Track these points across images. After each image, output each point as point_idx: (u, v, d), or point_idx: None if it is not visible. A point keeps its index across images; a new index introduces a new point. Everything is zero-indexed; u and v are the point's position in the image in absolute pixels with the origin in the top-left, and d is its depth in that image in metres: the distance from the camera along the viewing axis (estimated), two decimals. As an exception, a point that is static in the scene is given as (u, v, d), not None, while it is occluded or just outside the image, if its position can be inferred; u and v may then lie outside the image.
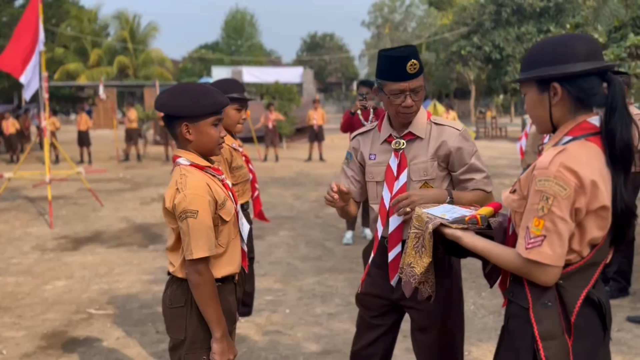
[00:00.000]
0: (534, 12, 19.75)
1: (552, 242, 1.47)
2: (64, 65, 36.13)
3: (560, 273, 1.50)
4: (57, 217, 7.93)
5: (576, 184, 1.45)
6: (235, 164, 2.94)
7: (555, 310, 1.51)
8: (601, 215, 1.49)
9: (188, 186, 1.95)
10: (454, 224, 1.73)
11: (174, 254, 2.05)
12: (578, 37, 1.61)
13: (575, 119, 1.58)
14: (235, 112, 2.96)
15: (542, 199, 1.47)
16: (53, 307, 4.48)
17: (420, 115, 2.28)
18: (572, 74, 1.55)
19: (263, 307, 4.45)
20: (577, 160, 1.47)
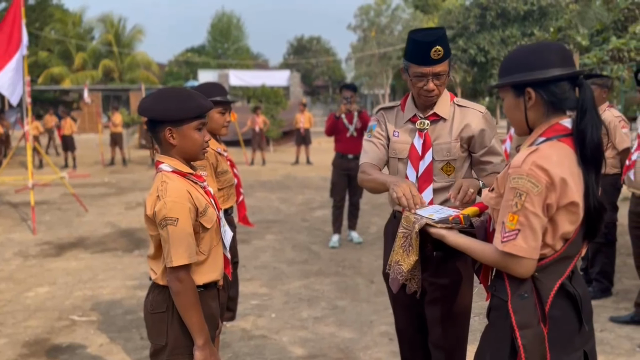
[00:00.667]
0: (518, 16, 19.92)
1: (526, 236, 1.56)
2: (48, 69, 35.71)
3: (535, 265, 1.60)
4: (41, 222, 7.84)
5: (547, 181, 1.55)
6: (220, 169, 2.93)
7: (531, 301, 1.61)
8: (571, 211, 1.59)
9: (168, 193, 1.93)
10: (439, 223, 1.83)
11: (156, 262, 2.04)
12: (551, 45, 1.72)
13: (549, 121, 1.69)
14: (219, 115, 2.94)
15: (515, 195, 1.58)
16: (35, 314, 4.42)
17: (444, 96, 2.34)
18: (544, 80, 1.65)
19: (249, 311, 4.43)
20: (549, 160, 1.57)
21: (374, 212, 8.28)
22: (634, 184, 3.86)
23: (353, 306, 4.53)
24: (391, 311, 4.33)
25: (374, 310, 4.41)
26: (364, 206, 8.55)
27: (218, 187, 2.93)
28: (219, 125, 2.95)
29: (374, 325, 4.13)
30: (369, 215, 8.03)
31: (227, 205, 3.00)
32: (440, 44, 2.18)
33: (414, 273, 2.07)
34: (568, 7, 17.42)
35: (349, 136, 6.30)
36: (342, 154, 6.37)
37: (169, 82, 40.26)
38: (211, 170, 2.87)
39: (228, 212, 3.04)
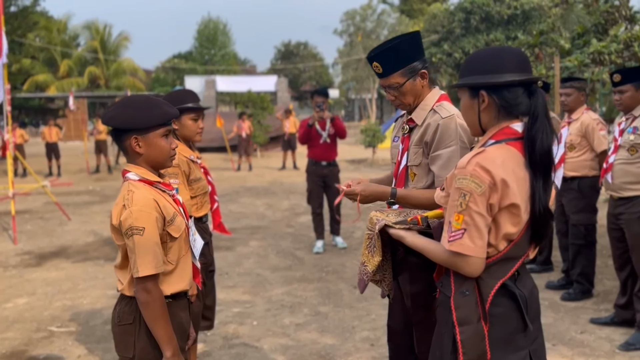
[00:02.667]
0: (501, 20, 20.11)
1: (472, 235, 1.60)
2: (33, 77, 35.46)
3: (484, 264, 1.63)
4: (22, 232, 7.73)
5: (490, 182, 1.59)
6: (193, 177, 2.90)
7: (472, 298, 1.63)
8: (513, 212, 1.62)
9: (134, 202, 1.91)
10: (398, 224, 1.88)
11: (122, 272, 2.01)
12: (508, 50, 1.75)
13: (499, 124, 1.72)
14: (191, 122, 2.92)
15: (460, 195, 1.61)
16: (13, 326, 4.34)
17: (427, 101, 2.30)
18: (496, 84, 1.68)
19: (230, 319, 4.40)
20: (492, 161, 1.61)
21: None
22: (612, 187, 3.88)
23: (335, 312, 4.51)
24: (373, 316, 4.36)
25: (356, 316, 4.40)
26: (350, 211, 8.54)
27: (191, 195, 2.90)
28: (192, 132, 2.93)
29: (356, 331, 4.11)
30: (354, 220, 8.01)
31: (200, 213, 2.98)
32: (379, 60, 2.20)
33: (383, 275, 2.09)
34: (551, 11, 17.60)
35: (322, 142, 6.28)
36: (315, 161, 6.35)
37: (156, 88, 40.10)
38: (183, 177, 2.84)
39: (202, 220, 3.01)
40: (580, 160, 4.61)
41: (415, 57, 2.25)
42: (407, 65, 2.24)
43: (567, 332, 3.99)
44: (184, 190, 2.82)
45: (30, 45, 29.84)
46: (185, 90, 2.98)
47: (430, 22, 22.18)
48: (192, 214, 2.90)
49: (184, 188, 2.82)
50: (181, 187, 2.79)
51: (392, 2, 37.41)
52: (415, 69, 2.26)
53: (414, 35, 2.28)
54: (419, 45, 2.29)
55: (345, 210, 8.03)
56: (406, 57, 2.23)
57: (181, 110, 2.87)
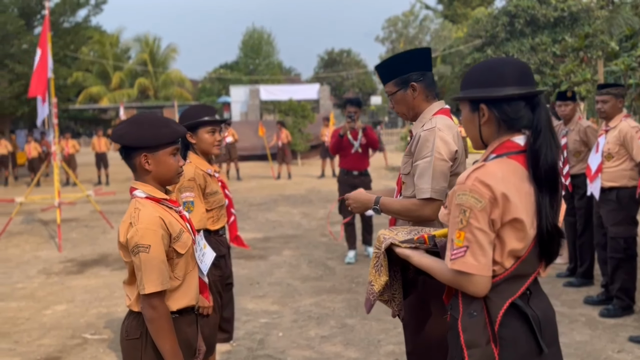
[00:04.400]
0: (548, 23, 19.52)
1: (475, 252, 1.54)
2: (87, 89, 37.06)
3: (490, 283, 1.56)
4: (67, 240, 8.05)
5: (490, 197, 1.54)
6: (209, 190, 2.94)
7: (480, 319, 1.57)
8: (516, 227, 1.56)
9: (140, 220, 1.95)
10: (404, 243, 1.83)
11: (130, 288, 2.05)
12: (508, 62, 1.69)
13: (500, 138, 1.67)
14: (208, 135, 2.97)
15: (460, 212, 1.56)
16: (50, 332, 4.52)
17: (424, 114, 2.36)
18: (496, 98, 1.63)
19: (257, 329, 4.42)
20: (493, 175, 1.56)
21: (395, 227, 8.18)
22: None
23: (362, 325, 4.46)
24: (400, 330, 4.29)
25: (382, 329, 4.34)
26: (384, 220, 8.47)
27: (207, 208, 2.94)
28: (209, 145, 2.97)
29: (381, 345, 4.06)
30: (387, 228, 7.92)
31: (217, 226, 3.01)
32: (379, 69, 2.40)
33: (393, 295, 2.05)
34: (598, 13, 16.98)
35: (353, 152, 6.25)
36: (347, 171, 6.32)
37: (202, 98, 41.06)
38: (199, 191, 2.89)
39: (219, 233, 3.05)
40: (619, 169, 4.41)
41: (410, 70, 2.34)
42: (400, 76, 2.34)
43: (604, 351, 3.81)
44: (199, 204, 2.87)
45: (84, 59, 31.16)
46: (202, 105, 3.04)
47: (474, 27, 21.80)
48: (208, 227, 2.95)
49: (199, 201, 2.87)
50: (196, 201, 2.84)
51: (435, 8, 37.05)
52: (407, 80, 2.34)
53: (419, 50, 2.38)
54: (421, 60, 2.36)
55: (378, 219, 7.96)
56: (401, 68, 2.34)
57: (197, 125, 2.93)
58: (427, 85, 2.36)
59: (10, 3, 17.65)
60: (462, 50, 24.46)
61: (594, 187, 4.59)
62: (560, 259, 5.97)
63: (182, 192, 2.82)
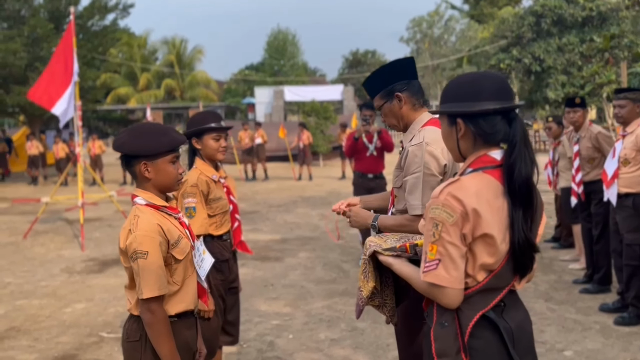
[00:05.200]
0: (575, 22, 19.17)
1: (447, 266, 1.56)
2: (116, 90, 37.88)
3: (462, 295, 1.59)
4: (90, 239, 8.26)
5: (462, 211, 1.56)
6: (212, 196, 3.00)
7: (451, 330, 1.60)
8: (488, 242, 1.58)
9: (139, 227, 2.02)
10: (387, 251, 1.87)
11: (131, 292, 2.12)
12: (487, 76, 1.70)
13: (477, 152, 1.68)
14: (213, 141, 3.03)
15: (433, 225, 1.59)
16: (68, 330, 4.66)
17: (414, 125, 2.36)
18: (471, 113, 1.65)
19: (268, 331, 4.48)
20: (465, 190, 1.58)
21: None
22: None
23: (372, 328, 4.48)
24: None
25: (391, 333, 4.34)
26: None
27: (210, 214, 3.00)
28: (214, 151, 3.04)
29: (390, 349, 4.07)
30: (406, 233, 7.92)
31: (220, 231, 3.07)
32: (366, 84, 2.40)
33: (384, 300, 2.08)
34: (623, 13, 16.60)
35: (369, 155, 6.26)
36: (362, 174, 6.33)
37: (227, 99, 41.47)
38: (201, 197, 2.95)
39: (223, 238, 3.11)
40: (636, 175, 4.34)
41: (394, 81, 2.34)
42: (385, 88, 2.35)
43: (616, 360, 3.76)
44: (201, 210, 2.93)
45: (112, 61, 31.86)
46: (208, 112, 3.11)
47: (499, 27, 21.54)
48: (211, 232, 3.01)
49: (201, 207, 2.94)
50: (198, 207, 2.91)
51: (460, 8, 36.69)
52: (392, 91, 2.34)
53: (402, 60, 2.38)
54: (404, 69, 2.35)
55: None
56: (385, 80, 2.35)
57: (203, 131, 2.99)
58: (412, 93, 2.35)
59: (40, 7, 18.16)
60: (487, 51, 24.18)
61: (611, 193, 4.52)
62: (578, 265, 5.88)
63: (184, 197, 2.89)
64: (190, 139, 3.04)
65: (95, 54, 19.48)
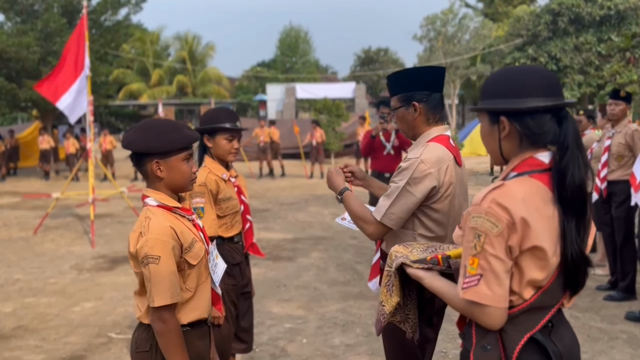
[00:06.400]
0: (593, 21, 18.82)
1: (489, 282, 1.39)
2: (128, 86, 37.95)
3: (506, 315, 1.42)
4: (101, 235, 8.17)
5: (508, 221, 1.39)
6: (222, 196, 2.85)
7: (495, 354, 1.43)
8: (537, 256, 1.40)
9: (151, 230, 1.88)
10: (416, 263, 1.70)
11: (141, 299, 1.99)
12: (534, 70, 1.52)
13: (522, 154, 1.51)
14: (225, 142, 2.88)
15: (475, 236, 1.42)
16: (77, 330, 4.55)
17: (421, 139, 2.31)
18: (518, 110, 1.47)
19: (281, 335, 4.35)
20: (511, 197, 1.40)
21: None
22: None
23: (388, 334, 4.33)
24: (428, 341, 4.14)
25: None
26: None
27: (219, 214, 2.86)
28: (225, 152, 2.89)
29: (407, 356, 3.91)
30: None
31: (230, 233, 2.93)
32: (389, 79, 2.36)
33: (406, 315, 1.92)
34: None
35: (385, 154, 6.10)
36: (378, 172, 6.16)
37: (239, 95, 41.44)
38: (209, 197, 2.81)
39: (234, 240, 2.96)
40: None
41: (417, 89, 2.26)
42: (405, 93, 2.28)
43: (646, 373, 3.58)
44: (209, 210, 2.79)
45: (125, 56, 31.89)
46: (223, 109, 2.96)
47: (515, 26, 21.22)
48: (221, 234, 2.86)
49: (209, 207, 2.80)
50: (207, 207, 2.77)
51: (474, 6, 36.24)
52: (410, 98, 2.27)
53: (432, 68, 2.33)
54: (431, 79, 2.29)
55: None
56: (408, 84, 2.28)
57: (216, 130, 2.85)
58: (430, 107, 2.27)
59: (53, 1, 18.15)
60: (502, 50, 23.86)
61: (638, 197, 4.33)
62: (601, 270, 5.68)
63: (192, 197, 2.75)
64: (202, 135, 2.90)
65: (107, 49, 19.44)
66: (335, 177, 2.44)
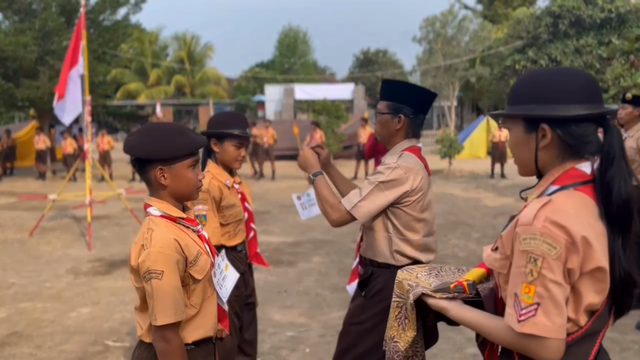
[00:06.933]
0: (594, 24, 18.78)
1: (548, 311, 1.25)
2: (126, 85, 37.77)
3: (564, 346, 1.27)
4: (98, 238, 8.04)
5: (567, 241, 1.25)
6: (225, 203, 2.73)
7: None
8: (597, 278, 1.27)
9: (153, 243, 1.76)
10: (438, 292, 1.51)
11: (142, 315, 1.87)
12: (575, 73, 1.38)
13: (563, 165, 1.37)
14: (233, 148, 2.77)
15: (529, 260, 1.27)
16: (72, 337, 4.43)
17: (396, 148, 2.49)
18: (566, 118, 1.33)
19: (283, 344, 4.23)
20: (565, 214, 1.26)
21: (429, 235, 7.87)
22: None
23: (393, 343, 4.21)
24: (435, 351, 4.03)
25: (415, 349, 4.08)
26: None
27: (222, 222, 2.74)
28: (232, 159, 2.78)
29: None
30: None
31: (234, 242, 2.81)
32: (385, 84, 2.49)
33: (415, 349, 1.74)
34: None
35: None
36: None
37: (237, 96, 41.29)
38: (212, 204, 2.69)
39: (237, 249, 2.85)
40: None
41: (408, 104, 2.42)
42: (396, 103, 2.43)
43: (660, 386, 3.47)
44: (212, 218, 2.67)
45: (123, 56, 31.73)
46: (234, 114, 2.83)
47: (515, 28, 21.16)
48: (224, 243, 2.75)
49: (212, 215, 2.68)
50: (209, 214, 2.65)
51: (474, 8, 36.16)
52: (400, 109, 2.43)
53: (427, 92, 2.48)
54: (422, 101, 2.46)
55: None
56: (402, 97, 2.42)
57: (225, 135, 2.73)
58: (413, 125, 2.46)
59: (51, 0, 17.99)
60: (501, 52, 23.80)
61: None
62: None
63: (194, 204, 2.63)
64: (209, 139, 2.78)
65: (106, 49, 19.29)
66: (311, 158, 2.51)
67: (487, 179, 14.61)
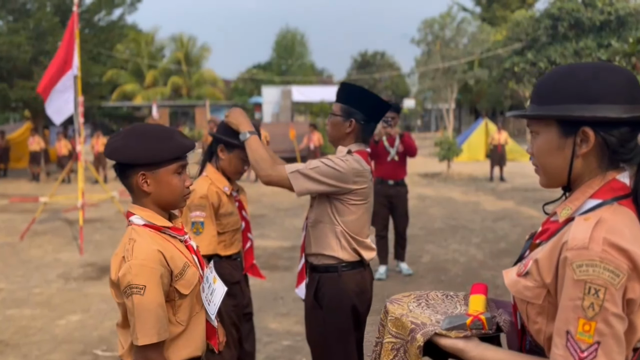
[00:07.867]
0: (593, 26, 18.70)
1: (610, 350, 1.05)
2: (122, 86, 37.57)
3: None
4: (90, 241, 7.87)
5: (629, 267, 1.05)
6: (223, 210, 2.58)
7: None
8: None
9: (135, 255, 1.60)
10: (453, 331, 1.27)
11: (124, 332, 1.71)
12: (616, 69, 1.18)
13: (604, 176, 1.17)
14: (240, 162, 2.61)
15: (587, 292, 1.06)
16: (61, 346, 4.26)
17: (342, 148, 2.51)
18: (614, 120, 1.12)
19: (279, 353, 4.08)
20: (622, 234, 1.07)
21: (429, 239, 7.74)
22: None
23: (393, 353, 4.06)
24: None
25: None
26: (419, 231, 8.05)
27: (219, 231, 2.58)
28: (235, 170, 2.63)
29: (415, 379, 3.65)
30: (422, 242, 7.50)
31: (230, 251, 2.66)
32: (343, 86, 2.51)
33: None
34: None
35: (389, 160, 5.84)
36: (382, 180, 5.90)
37: (234, 97, 41.14)
38: (211, 211, 2.53)
39: (232, 257, 2.69)
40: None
41: (362, 110, 2.45)
42: (350, 107, 2.45)
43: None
44: (210, 225, 2.51)
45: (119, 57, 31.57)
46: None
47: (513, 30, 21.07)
48: (219, 252, 2.59)
49: (210, 222, 2.52)
50: (207, 222, 2.50)
51: (472, 10, 36.09)
52: (352, 114, 2.45)
53: (383, 103, 2.51)
54: (377, 110, 2.50)
55: (412, 231, 7.53)
56: (357, 102, 2.45)
57: (237, 146, 2.55)
58: (363, 131, 2.49)
59: (45, 0, 17.81)
60: (500, 54, 23.71)
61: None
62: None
63: (191, 210, 2.47)
64: (218, 142, 2.62)
65: (101, 49, 19.12)
66: (240, 115, 2.48)
67: (486, 182, 14.48)
